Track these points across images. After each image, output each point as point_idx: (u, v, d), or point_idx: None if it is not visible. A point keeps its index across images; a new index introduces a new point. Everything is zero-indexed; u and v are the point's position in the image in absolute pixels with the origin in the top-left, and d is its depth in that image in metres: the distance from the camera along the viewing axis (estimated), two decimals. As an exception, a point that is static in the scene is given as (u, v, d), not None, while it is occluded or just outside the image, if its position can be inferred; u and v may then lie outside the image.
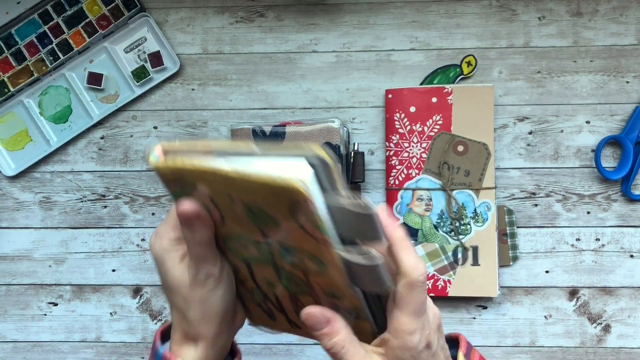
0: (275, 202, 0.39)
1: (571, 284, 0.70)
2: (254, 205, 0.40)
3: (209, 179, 0.40)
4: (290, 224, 0.40)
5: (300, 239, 0.41)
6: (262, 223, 0.41)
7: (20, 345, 0.74)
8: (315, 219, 0.39)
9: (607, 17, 0.70)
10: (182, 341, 0.45)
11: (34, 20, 0.72)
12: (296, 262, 0.43)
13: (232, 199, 0.41)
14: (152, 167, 0.42)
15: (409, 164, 0.69)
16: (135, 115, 0.73)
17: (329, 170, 0.40)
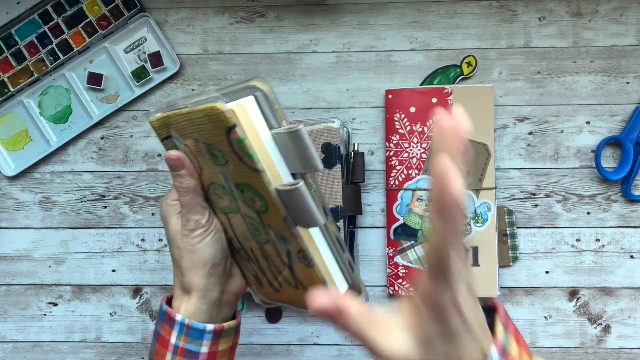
0: (215, 132, 0.42)
1: (571, 285, 0.70)
2: (209, 143, 0.44)
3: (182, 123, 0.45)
4: (231, 156, 0.43)
5: (242, 173, 0.43)
6: (218, 162, 0.45)
7: (20, 345, 0.74)
8: (245, 145, 0.41)
9: (607, 17, 0.70)
10: (178, 295, 0.51)
11: (34, 21, 0.72)
12: (248, 201, 0.45)
13: (197, 141, 0.45)
14: (150, 122, 0.49)
15: (409, 164, 0.69)
16: (136, 115, 0.73)
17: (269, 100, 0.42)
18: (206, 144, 0.45)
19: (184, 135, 0.47)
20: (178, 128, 0.47)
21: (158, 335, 0.51)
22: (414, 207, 0.69)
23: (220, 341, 0.51)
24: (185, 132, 0.46)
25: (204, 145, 0.45)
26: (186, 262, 0.50)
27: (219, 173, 0.46)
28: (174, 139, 0.48)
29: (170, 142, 0.49)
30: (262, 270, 0.52)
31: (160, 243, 0.73)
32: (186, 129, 0.46)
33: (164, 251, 0.73)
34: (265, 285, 0.53)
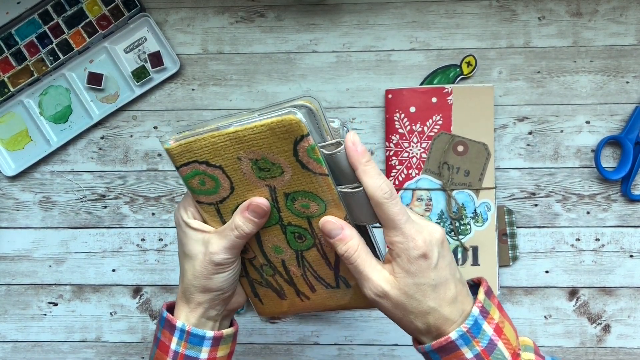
0: (278, 144, 0.46)
1: (571, 284, 0.71)
2: (259, 159, 0.47)
3: (219, 144, 0.47)
4: (292, 165, 0.47)
5: (303, 180, 0.47)
6: (269, 175, 0.48)
7: (21, 345, 0.74)
8: (315, 151, 0.46)
9: (607, 17, 0.70)
10: (180, 304, 0.52)
11: (34, 21, 0.72)
12: (300, 209, 0.49)
13: (240, 159, 0.48)
14: (166, 149, 0.49)
15: (409, 164, 0.69)
16: (136, 115, 0.73)
17: (315, 117, 0.46)
18: (254, 160, 0.47)
19: (219, 157, 0.48)
20: (211, 151, 0.48)
21: (159, 341, 0.52)
22: (414, 206, 0.69)
23: (219, 348, 0.52)
24: (223, 153, 0.48)
25: (249, 162, 0.48)
26: (198, 283, 0.51)
27: (263, 187, 0.49)
28: (200, 165, 0.49)
29: (190, 168, 0.49)
30: (290, 280, 0.54)
31: (160, 243, 0.73)
32: (226, 149, 0.47)
33: (164, 251, 0.73)
34: (291, 297, 0.55)
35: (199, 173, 0.49)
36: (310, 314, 0.58)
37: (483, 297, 0.46)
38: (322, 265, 0.53)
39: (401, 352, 0.71)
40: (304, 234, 0.51)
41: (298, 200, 0.49)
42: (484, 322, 0.45)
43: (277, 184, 0.49)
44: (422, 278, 0.45)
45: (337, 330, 0.72)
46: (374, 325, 0.72)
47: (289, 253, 0.52)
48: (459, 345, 0.44)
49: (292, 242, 0.52)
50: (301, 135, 0.45)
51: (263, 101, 0.72)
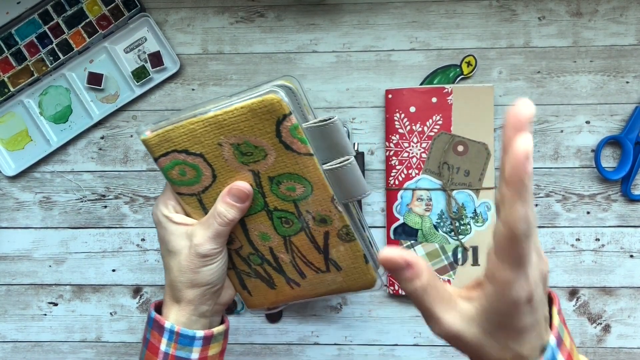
0: (260, 126, 0.45)
1: (571, 284, 0.71)
2: (241, 143, 0.46)
3: (198, 131, 0.46)
4: (276, 146, 0.46)
5: (287, 161, 0.46)
6: (251, 159, 0.47)
7: (21, 345, 0.74)
8: (298, 130, 0.45)
9: (607, 17, 0.70)
10: (168, 303, 0.51)
11: (34, 20, 0.72)
12: (286, 192, 0.48)
13: (221, 145, 0.46)
14: (142, 140, 0.48)
15: (409, 164, 0.69)
16: (136, 115, 0.73)
17: (295, 96, 0.45)
18: (235, 144, 0.46)
19: (199, 145, 0.47)
20: (190, 139, 0.47)
21: (148, 342, 0.50)
22: (414, 206, 0.69)
23: (210, 346, 0.51)
24: (203, 140, 0.46)
25: (231, 147, 0.46)
26: (185, 279, 0.49)
27: (246, 172, 0.47)
28: (180, 154, 0.47)
29: (169, 158, 0.48)
30: (279, 268, 0.53)
31: (160, 243, 0.73)
32: (205, 135, 0.46)
33: (164, 251, 0.73)
34: (281, 286, 0.54)
35: (178, 163, 0.48)
36: (301, 301, 0.57)
37: (558, 323, 0.39)
38: (311, 249, 0.51)
39: (401, 352, 0.71)
40: (290, 219, 0.50)
41: (283, 184, 0.48)
42: (558, 352, 0.38)
43: (260, 168, 0.47)
44: (515, 322, 0.36)
45: (337, 330, 0.72)
46: (374, 325, 0.72)
47: (277, 239, 0.51)
48: None
49: (279, 227, 0.50)
50: (283, 115, 0.44)
51: (263, 101, 0.72)
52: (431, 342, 0.71)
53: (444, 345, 0.71)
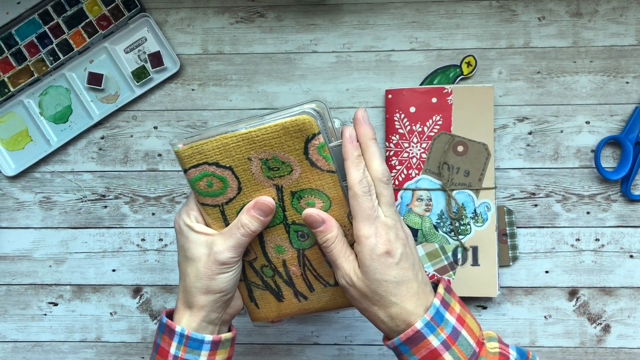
0: (290, 143, 0.50)
1: (571, 284, 0.71)
2: (270, 158, 0.50)
3: (231, 145, 0.50)
4: (302, 163, 0.50)
5: (311, 177, 0.51)
6: (277, 174, 0.51)
7: (21, 345, 0.74)
8: (324, 149, 0.50)
9: (607, 17, 0.70)
10: (180, 309, 0.53)
11: (34, 21, 0.72)
12: (305, 207, 0.52)
13: (251, 159, 0.51)
14: (176, 152, 0.52)
15: (409, 164, 0.69)
16: (136, 115, 0.73)
17: (322, 119, 0.50)
18: (264, 159, 0.51)
19: (229, 158, 0.51)
20: (221, 152, 0.51)
21: (158, 347, 0.52)
22: (414, 206, 0.69)
23: (218, 352, 0.53)
24: (234, 154, 0.51)
25: (260, 162, 0.51)
26: (201, 285, 0.52)
27: (270, 186, 0.52)
28: (210, 166, 0.51)
29: (199, 170, 0.51)
30: (289, 281, 0.56)
31: (160, 243, 0.73)
32: (236, 149, 0.50)
33: (164, 251, 0.73)
34: (289, 299, 0.56)
35: (207, 175, 0.52)
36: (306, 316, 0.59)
37: (443, 291, 0.49)
38: (322, 263, 0.55)
39: (401, 352, 0.71)
40: (307, 232, 0.54)
41: (304, 198, 0.52)
42: (445, 312, 0.48)
43: (284, 183, 0.52)
44: (384, 275, 0.48)
45: (337, 330, 0.72)
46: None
47: (291, 252, 0.55)
48: (425, 333, 0.47)
49: (295, 240, 0.54)
50: (313, 134, 0.49)
51: (263, 101, 0.72)
52: (431, 342, 0.71)
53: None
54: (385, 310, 0.48)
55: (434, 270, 0.69)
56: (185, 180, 0.72)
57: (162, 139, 0.73)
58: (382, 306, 0.48)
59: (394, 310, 0.48)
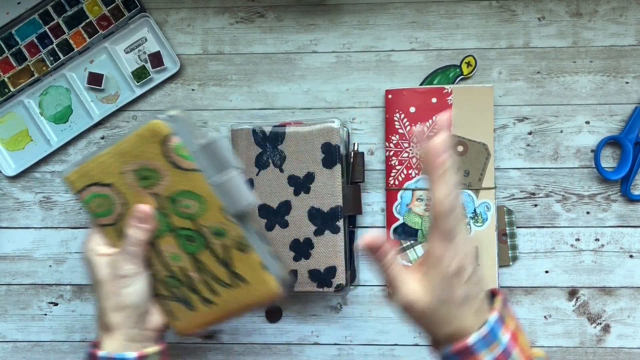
0: (150, 149, 0.51)
1: (571, 284, 0.71)
2: (139, 168, 0.52)
3: (106, 163, 0.53)
4: (167, 167, 0.52)
5: (179, 179, 0.52)
6: (150, 182, 0.53)
7: (21, 345, 0.74)
8: (180, 149, 0.51)
9: (607, 17, 0.70)
10: (101, 334, 0.54)
11: (35, 21, 0.72)
12: (183, 210, 0.53)
13: (123, 173, 0.53)
14: (64, 179, 0.55)
15: (409, 164, 0.70)
16: (136, 115, 0.73)
17: (185, 122, 0.52)
18: (136, 170, 0.53)
19: (108, 175, 0.54)
20: (101, 171, 0.54)
21: None
22: (414, 206, 0.69)
23: None
24: (110, 170, 0.54)
25: (132, 174, 0.53)
26: (111, 304, 0.54)
27: (149, 196, 0.54)
28: (94, 187, 0.54)
29: (87, 192, 0.55)
30: (194, 288, 0.56)
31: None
32: (112, 165, 0.53)
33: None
34: (198, 307, 0.57)
35: (95, 195, 0.55)
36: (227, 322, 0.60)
37: (500, 305, 0.47)
38: (216, 265, 0.55)
39: (401, 352, 0.71)
40: (193, 236, 0.55)
41: (179, 201, 0.54)
42: (500, 328, 0.46)
43: (159, 190, 0.54)
44: (451, 295, 0.45)
45: (337, 330, 0.72)
46: (374, 325, 0.72)
47: (186, 259, 0.56)
48: (477, 349, 0.45)
49: (185, 246, 0.55)
50: (164, 135, 0.51)
51: (263, 101, 0.72)
52: (431, 342, 0.71)
53: (443, 345, 0.71)
54: (446, 327, 0.46)
55: (434, 270, 0.69)
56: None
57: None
58: (443, 324, 0.46)
59: (454, 328, 0.46)
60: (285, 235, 0.68)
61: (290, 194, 0.68)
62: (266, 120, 0.72)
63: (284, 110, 0.72)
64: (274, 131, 0.68)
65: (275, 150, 0.68)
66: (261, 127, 0.68)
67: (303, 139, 0.67)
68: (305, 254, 0.67)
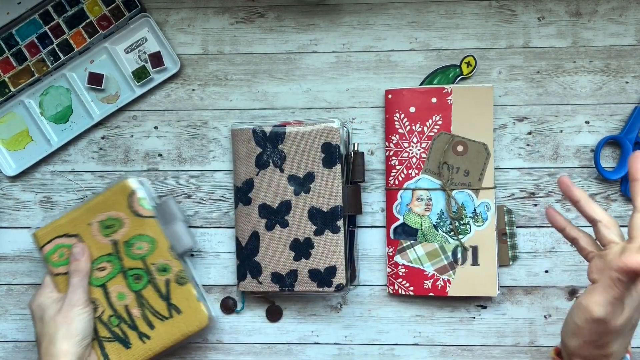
0: (118, 201, 0.67)
1: (570, 284, 0.71)
2: (105, 218, 0.67)
3: (77, 217, 0.67)
4: (129, 215, 0.67)
5: (137, 225, 0.67)
6: (112, 230, 0.67)
7: (21, 345, 0.74)
8: (142, 201, 0.67)
9: (607, 17, 0.70)
10: None
11: (35, 21, 0.72)
12: (136, 252, 0.67)
13: (91, 224, 0.67)
14: (32, 235, 0.68)
15: (409, 164, 0.70)
16: (136, 115, 0.73)
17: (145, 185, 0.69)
18: (102, 221, 0.67)
19: (76, 227, 0.67)
20: (70, 224, 0.67)
21: None
22: (414, 206, 0.69)
23: None
24: (79, 223, 0.67)
25: (98, 224, 0.67)
26: (62, 332, 0.62)
27: (108, 242, 0.67)
28: (62, 238, 0.67)
29: (52, 244, 0.67)
30: (132, 324, 0.68)
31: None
32: (80, 219, 0.67)
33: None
34: (135, 342, 0.67)
35: (59, 246, 0.67)
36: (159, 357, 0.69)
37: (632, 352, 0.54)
38: (156, 298, 0.67)
39: (401, 351, 0.72)
40: (141, 274, 0.67)
41: (135, 244, 0.67)
42: None
43: (118, 237, 0.67)
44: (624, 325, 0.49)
45: (337, 330, 0.72)
46: (374, 325, 0.72)
47: (130, 296, 0.67)
48: None
49: (132, 284, 0.67)
50: (132, 190, 0.67)
51: (263, 101, 0.72)
52: (431, 342, 0.71)
53: (443, 345, 0.71)
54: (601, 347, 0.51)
55: (434, 270, 0.69)
56: (185, 180, 0.72)
57: (162, 139, 0.73)
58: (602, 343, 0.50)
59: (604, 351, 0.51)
60: (285, 235, 0.68)
61: (291, 193, 0.68)
62: (266, 120, 0.72)
63: (284, 110, 0.72)
64: (274, 131, 0.68)
65: (275, 150, 0.68)
66: (261, 127, 0.68)
67: (303, 138, 0.67)
68: (306, 254, 0.67)
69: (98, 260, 0.67)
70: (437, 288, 0.69)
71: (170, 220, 0.68)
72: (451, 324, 0.71)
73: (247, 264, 0.69)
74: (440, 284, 0.69)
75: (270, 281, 0.68)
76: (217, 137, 0.73)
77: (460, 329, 0.71)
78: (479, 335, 0.71)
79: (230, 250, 0.72)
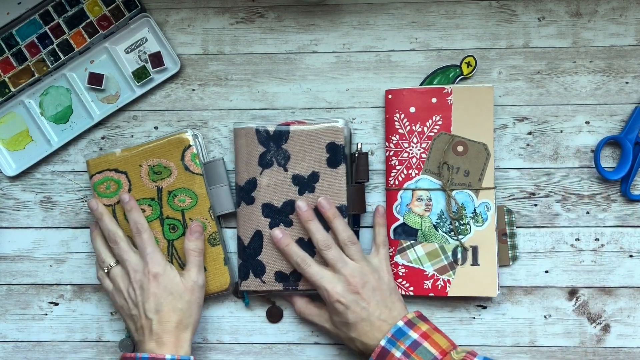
0: (172, 151, 0.69)
1: (570, 284, 0.71)
2: (156, 164, 0.69)
3: (130, 156, 0.69)
4: (179, 167, 0.69)
5: (184, 179, 0.69)
6: (160, 177, 0.69)
7: (21, 345, 0.74)
8: (196, 157, 0.69)
9: (607, 17, 0.70)
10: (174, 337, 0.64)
11: (35, 21, 0.72)
12: (177, 203, 0.69)
13: (141, 166, 0.69)
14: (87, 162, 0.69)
15: (409, 164, 0.70)
16: (136, 115, 0.73)
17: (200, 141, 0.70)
18: (152, 166, 0.69)
19: (127, 165, 0.69)
20: (121, 161, 0.69)
21: None
22: (414, 206, 0.69)
23: None
24: (129, 162, 0.69)
25: (148, 168, 0.69)
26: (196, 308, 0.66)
27: (153, 187, 0.69)
28: (109, 172, 0.69)
29: (102, 175, 0.69)
30: None
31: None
32: (132, 159, 0.69)
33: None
34: None
35: (107, 179, 0.68)
36: None
37: (412, 315, 0.63)
38: None
39: (401, 351, 0.71)
40: (177, 225, 0.69)
41: (178, 196, 0.69)
42: (409, 330, 0.61)
43: (164, 185, 0.69)
44: (338, 317, 0.63)
45: (337, 330, 0.72)
46: (374, 325, 0.72)
47: (163, 243, 0.69)
48: (388, 348, 0.60)
49: (167, 233, 0.69)
50: (187, 145, 0.69)
51: (263, 101, 0.72)
52: (431, 342, 0.71)
53: (443, 345, 0.71)
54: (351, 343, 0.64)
55: (434, 270, 0.69)
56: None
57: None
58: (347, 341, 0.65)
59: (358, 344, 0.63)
60: (290, 234, 0.68)
61: (295, 193, 0.68)
62: (266, 120, 0.72)
63: (284, 110, 0.72)
64: (277, 130, 0.68)
65: (279, 150, 0.68)
66: (265, 126, 0.68)
67: (307, 138, 0.67)
68: (310, 253, 0.67)
69: (140, 201, 0.69)
70: (437, 288, 0.69)
71: (216, 181, 0.70)
72: (451, 324, 0.71)
73: (250, 263, 0.69)
74: (440, 284, 0.69)
75: (274, 280, 0.68)
76: (217, 137, 0.73)
77: (460, 329, 0.71)
78: (479, 336, 0.71)
79: (231, 251, 0.72)
